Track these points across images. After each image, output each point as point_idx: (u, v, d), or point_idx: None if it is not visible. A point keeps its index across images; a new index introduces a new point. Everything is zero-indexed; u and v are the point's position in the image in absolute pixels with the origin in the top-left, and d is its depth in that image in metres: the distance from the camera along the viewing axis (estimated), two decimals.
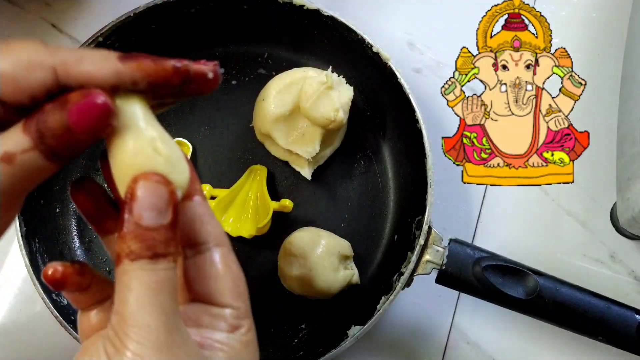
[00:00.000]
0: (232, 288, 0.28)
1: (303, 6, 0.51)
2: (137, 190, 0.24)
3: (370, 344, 0.53)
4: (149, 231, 0.24)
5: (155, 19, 0.52)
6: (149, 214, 0.24)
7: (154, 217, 0.24)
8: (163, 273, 0.24)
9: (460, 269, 0.45)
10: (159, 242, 0.24)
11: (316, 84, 0.50)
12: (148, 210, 0.24)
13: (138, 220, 0.24)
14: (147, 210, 0.24)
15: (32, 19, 0.59)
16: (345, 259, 0.51)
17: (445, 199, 0.56)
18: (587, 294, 0.46)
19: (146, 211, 0.24)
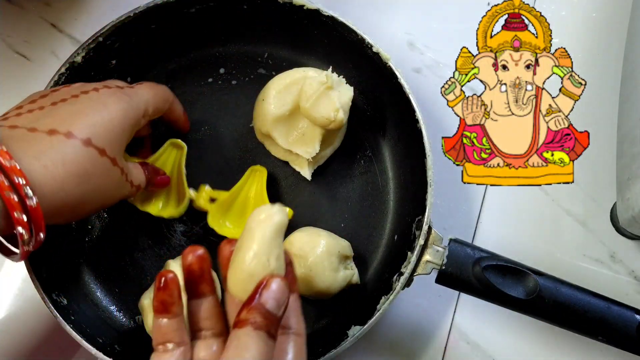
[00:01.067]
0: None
1: (303, 6, 0.51)
2: (271, 283, 0.33)
3: (370, 344, 0.53)
4: (270, 314, 0.32)
5: (155, 19, 0.52)
6: (273, 302, 0.32)
7: (274, 306, 0.33)
8: (271, 350, 0.32)
9: (460, 269, 0.45)
10: (273, 324, 0.32)
11: (316, 84, 0.50)
12: (274, 299, 0.33)
13: (264, 303, 0.32)
14: (273, 300, 0.33)
15: (32, 19, 0.59)
16: (345, 259, 0.51)
17: (445, 199, 0.56)
18: (587, 294, 0.46)
19: (272, 300, 0.32)
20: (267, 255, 0.34)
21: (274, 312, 0.32)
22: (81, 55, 0.49)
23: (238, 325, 0.32)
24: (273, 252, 0.34)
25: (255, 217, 0.35)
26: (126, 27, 0.50)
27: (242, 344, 0.31)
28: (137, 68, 0.55)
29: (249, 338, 0.31)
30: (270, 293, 0.33)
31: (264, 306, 0.32)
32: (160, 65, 0.56)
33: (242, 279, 0.34)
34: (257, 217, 0.35)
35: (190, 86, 0.56)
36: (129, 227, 0.54)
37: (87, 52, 0.49)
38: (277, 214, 0.35)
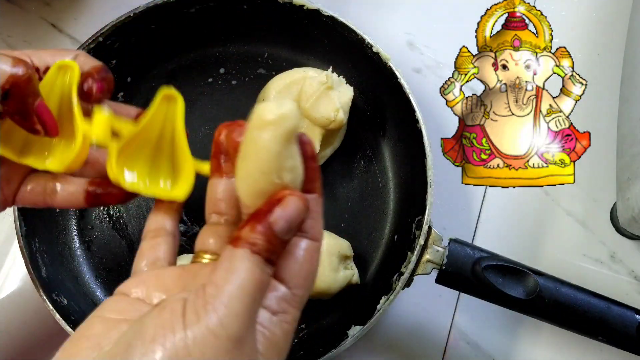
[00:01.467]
0: (301, 275, 0.28)
1: (303, 6, 0.51)
2: (289, 199, 0.27)
3: (370, 344, 0.53)
4: (275, 238, 0.27)
5: (155, 19, 0.52)
6: (283, 225, 0.27)
7: (284, 229, 0.27)
8: (267, 277, 0.27)
9: (460, 269, 0.45)
10: (277, 250, 0.27)
11: (316, 84, 0.50)
12: (285, 221, 0.27)
13: (273, 223, 0.27)
14: (284, 221, 0.27)
15: (32, 19, 0.59)
16: (345, 259, 0.51)
17: (445, 199, 0.56)
18: (587, 294, 0.46)
19: (283, 221, 0.27)
20: (278, 171, 0.27)
21: (282, 236, 0.27)
22: None
23: (235, 243, 0.27)
24: (285, 165, 0.27)
25: (258, 121, 0.27)
26: (126, 27, 0.50)
27: (233, 267, 0.26)
28: (137, 68, 0.55)
29: (243, 262, 0.26)
30: (284, 213, 0.27)
31: (271, 228, 0.27)
32: (160, 65, 0.56)
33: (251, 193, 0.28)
34: (261, 121, 0.27)
35: (190, 86, 0.56)
36: (129, 227, 0.54)
37: (87, 52, 0.49)
38: (287, 118, 0.26)
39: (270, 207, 0.27)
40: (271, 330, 0.27)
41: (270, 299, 0.27)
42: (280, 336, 0.27)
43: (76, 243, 0.54)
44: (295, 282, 0.28)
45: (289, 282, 0.28)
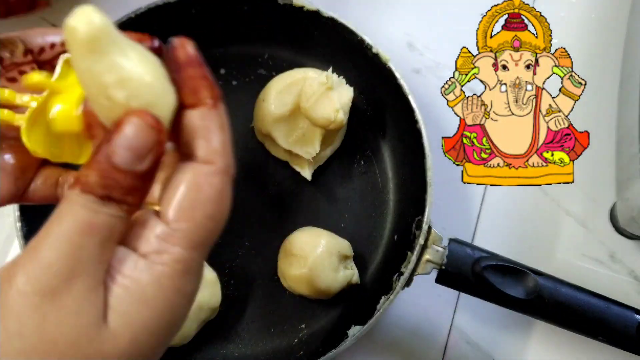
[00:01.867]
0: (187, 206, 0.23)
1: (303, 7, 0.51)
2: (125, 122, 0.22)
3: (370, 344, 0.53)
4: (116, 171, 0.22)
5: (155, 19, 0.52)
6: (125, 153, 0.22)
7: (128, 159, 0.22)
8: (104, 218, 0.22)
9: (460, 268, 0.45)
10: (120, 187, 0.22)
11: (316, 84, 0.50)
12: (126, 149, 0.22)
13: (111, 155, 0.22)
14: (125, 150, 0.22)
15: (32, 19, 0.59)
16: (345, 259, 0.51)
17: (445, 199, 0.56)
18: (587, 294, 0.46)
19: (124, 150, 0.22)
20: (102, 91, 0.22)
21: (126, 167, 0.22)
22: None
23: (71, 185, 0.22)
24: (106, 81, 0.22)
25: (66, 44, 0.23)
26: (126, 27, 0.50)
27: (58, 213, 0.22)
28: None
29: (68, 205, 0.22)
30: (122, 139, 0.22)
31: (109, 159, 0.22)
32: None
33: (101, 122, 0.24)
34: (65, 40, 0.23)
35: None
36: None
37: None
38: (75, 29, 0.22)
39: (108, 136, 0.22)
40: (133, 277, 0.22)
41: (140, 238, 0.23)
42: (147, 282, 0.22)
43: None
44: (174, 215, 0.23)
45: (165, 216, 0.23)
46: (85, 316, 0.22)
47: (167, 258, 0.23)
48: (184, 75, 0.25)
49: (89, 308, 0.22)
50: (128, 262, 0.23)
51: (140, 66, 0.23)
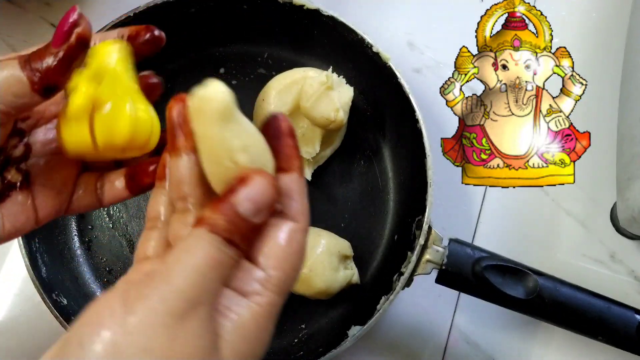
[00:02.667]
0: (278, 256, 0.27)
1: (303, 6, 0.51)
2: (252, 179, 0.26)
3: (370, 344, 0.53)
4: (239, 219, 0.25)
5: (155, 18, 0.51)
6: (248, 205, 0.25)
7: (250, 210, 0.26)
8: (226, 257, 0.25)
9: (460, 268, 0.45)
10: (240, 233, 0.26)
11: (316, 84, 0.50)
12: (250, 201, 0.26)
13: (236, 204, 0.25)
14: (249, 202, 0.25)
15: (32, 19, 0.59)
16: (345, 259, 0.51)
17: (445, 199, 0.56)
18: (587, 294, 0.46)
19: (247, 202, 0.25)
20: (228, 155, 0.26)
21: (247, 217, 0.25)
22: None
23: (196, 224, 0.26)
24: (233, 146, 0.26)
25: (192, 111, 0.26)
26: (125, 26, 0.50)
27: (187, 246, 0.25)
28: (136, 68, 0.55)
29: (198, 240, 0.25)
30: (247, 193, 0.25)
31: (233, 208, 0.25)
32: (160, 65, 0.56)
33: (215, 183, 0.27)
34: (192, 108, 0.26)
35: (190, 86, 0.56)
36: (129, 227, 0.54)
37: None
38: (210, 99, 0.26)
39: (234, 188, 0.26)
40: (238, 313, 0.25)
41: (241, 280, 0.26)
42: (248, 318, 0.26)
43: (76, 243, 0.54)
44: (270, 264, 0.26)
45: (262, 264, 0.26)
46: (207, 340, 0.24)
47: (264, 300, 0.26)
48: (283, 143, 0.29)
49: (209, 334, 0.25)
50: (233, 299, 0.26)
51: (257, 134, 0.27)
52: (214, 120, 0.26)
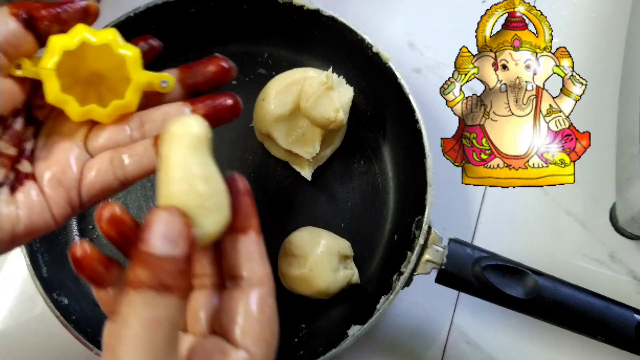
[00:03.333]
0: (257, 332, 0.26)
1: (303, 6, 0.51)
2: (153, 219, 0.25)
3: (370, 343, 0.53)
4: (159, 260, 0.24)
5: (155, 18, 0.52)
6: (161, 242, 0.25)
7: (165, 247, 0.24)
8: (164, 310, 0.24)
9: (460, 268, 0.45)
10: (166, 272, 0.24)
11: (316, 84, 0.50)
12: (160, 238, 0.25)
13: (148, 247, 0.24)
14: (160, 239, 0.25)
15: None
16: (345, 259, 0.51)
17: (444, 199, 0.56)
18: (587, 294, 0.46)
19: (158, 239, 0.25)
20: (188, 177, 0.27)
21: (166, 255, 0.24)
22: None
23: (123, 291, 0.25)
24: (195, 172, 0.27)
25: (167, 134, 0.28)
26: (126, 27, 0.50)
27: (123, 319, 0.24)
28: None
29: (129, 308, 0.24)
30: (155, 231, 0.25)
31: (148, 253, 0.24)
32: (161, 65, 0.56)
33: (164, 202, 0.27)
34: (169, 133, 0.28)
35: None
36: None
37: None
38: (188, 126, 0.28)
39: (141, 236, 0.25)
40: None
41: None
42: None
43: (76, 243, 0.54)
44: (249, 341, 0.26)
45: (241, 343, 0.26)
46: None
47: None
48: (240, 201, 0.28)
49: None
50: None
51: (220, 178, 0.28)
52: (186, 145, 0.27)
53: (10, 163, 0.32)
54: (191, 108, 0.34)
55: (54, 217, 0.32)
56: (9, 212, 0.31)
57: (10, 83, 0.31)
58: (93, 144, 0.34)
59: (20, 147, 0.32)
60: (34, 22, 0.31)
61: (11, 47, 0.30)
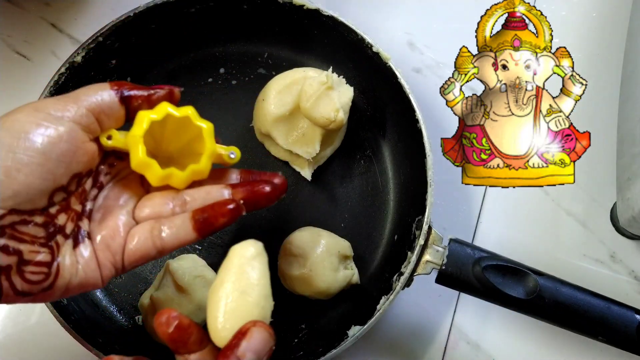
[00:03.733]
0: None
1: (303, 6, 0.51)
2: (252, 332, 0.29)
3: (370, 344, 0.53)
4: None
5: (155, 18, 0.52)
6: (251, 356, 0.28)
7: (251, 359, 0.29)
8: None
9: (460, 268, 0.45)
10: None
11: (316, 84, 0.50)
12: (253, 352, 0.28)
13: (241, 356, 0.28)
14: (252, 352, 0.28)
15: (32, 19, 0.59)
16: (345, 259, 0.51)
17: (445, 199, 0.56)
18: (587, 294, 0.46)
19: (250, 352, 0.28)
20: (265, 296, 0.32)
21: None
22: (81, 55, 0.49)
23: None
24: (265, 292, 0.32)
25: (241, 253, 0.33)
26: (126, 27, 0.50)
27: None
28: (137, 68, 0.55)
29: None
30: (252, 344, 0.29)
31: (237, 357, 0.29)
32: (160, 65, 0.56)
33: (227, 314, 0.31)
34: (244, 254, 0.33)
35: (190, 86, 0.56)
36: None
37: (87, 52, 0.49)
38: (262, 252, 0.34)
39: (237, 340, 0.29)
40: None
41: None
42: None
43: None
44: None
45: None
46: None
47: None
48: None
49: None
50: None
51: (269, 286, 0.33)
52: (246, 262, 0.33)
53: (76, 218, 0.35)
54: (231, 191, 0.38)
55: (102, 276, 0.35)
56: (70, 263, 0.33)
57: (95, 147, 0.35)
58: (139, 213, 0.37)
59: (84, 206, 0.35)
60: (128, 99, 0.35)
61: (106, 117, 0.35)
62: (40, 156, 0.31)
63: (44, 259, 0.32)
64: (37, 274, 0.32)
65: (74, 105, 0.33)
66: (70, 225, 0.34)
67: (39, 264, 0.32)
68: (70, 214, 0.34)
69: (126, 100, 0.35)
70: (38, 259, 0.32)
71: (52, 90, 0.48)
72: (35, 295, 0.32)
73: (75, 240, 0.34)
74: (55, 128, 0.32)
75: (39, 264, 0.32)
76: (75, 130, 0.33)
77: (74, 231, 0.34)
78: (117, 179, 0.37)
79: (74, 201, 0.34)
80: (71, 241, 0.34)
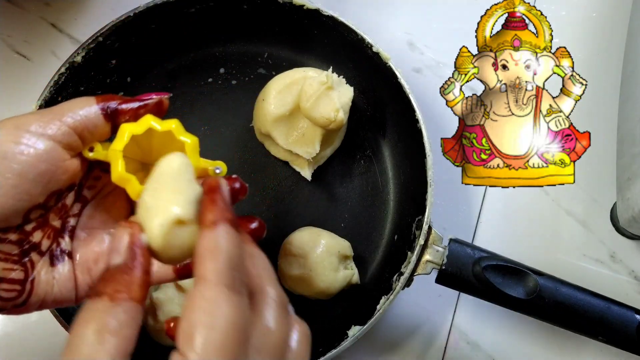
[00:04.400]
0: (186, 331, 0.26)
1: (303, 6, 0.51)
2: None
3: (370, 344, 0.53)
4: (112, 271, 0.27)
5: (155, 18, 0.52)
6: (113, 255, 0.28)
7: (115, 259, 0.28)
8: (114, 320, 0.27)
9: (460, 268, 0.45)
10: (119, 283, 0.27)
11: (316, 84, 0.50)
12: (114, 252, 0.28)
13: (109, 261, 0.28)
14: (113, 253, 0.28)
15: (32, 19, 0.59)
16: (345, 259, 0.51)
17: (445, 199, 0.56)
18: (587, 294, 0.46)
19: (113, 253, 0.28)
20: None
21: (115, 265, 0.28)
22: (81, 55, 0.49)
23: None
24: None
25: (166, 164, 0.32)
26: (126, 27, 0.50)
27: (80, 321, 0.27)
28: (137, 68, 0.55)
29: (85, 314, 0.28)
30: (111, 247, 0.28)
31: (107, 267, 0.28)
32: (160, 65, 0.56)
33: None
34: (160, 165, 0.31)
35: (190, 86, 0.56)
36: None
37: (87, 52, 0.49)
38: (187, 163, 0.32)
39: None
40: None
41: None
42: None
43: None
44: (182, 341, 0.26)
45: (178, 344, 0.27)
46: None
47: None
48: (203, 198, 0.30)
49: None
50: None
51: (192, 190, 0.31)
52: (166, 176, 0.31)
53: (54, 235, 0.34)
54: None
55: (77, 297, 0.34)
56: (46, 280, 0.33)
57: (77, 163, 0.33)
58: None
59: (65, 222, 0.34)
60: (115, 115, 0.34)
61: (89, 133, 0.33)
62: (16, 178, 0.30)
63: (16, 276, 0.32)
64: (10, 292, 0.31)
65: (57, 122, 0.32)
66: (46, 242, 0.33)
67: (11, 281, 0.31)
68: (47, 230, 0.33)
69: (112, 116, 0.34)
70: (11, 277, 0.31)
71: (52, 90, 0.48)
72: (9, 310, 0.32)
73: (52, 258, 0.33)
74: (35, 148, 0.31)
75: (11, 281, 0.31)
76: (55, 149, 0.32)
77: (50, 248, 0.33)
78: (103, 194, 0.36)
79: (52, 217, 0.33)
80: (47, 258, 0.33)
